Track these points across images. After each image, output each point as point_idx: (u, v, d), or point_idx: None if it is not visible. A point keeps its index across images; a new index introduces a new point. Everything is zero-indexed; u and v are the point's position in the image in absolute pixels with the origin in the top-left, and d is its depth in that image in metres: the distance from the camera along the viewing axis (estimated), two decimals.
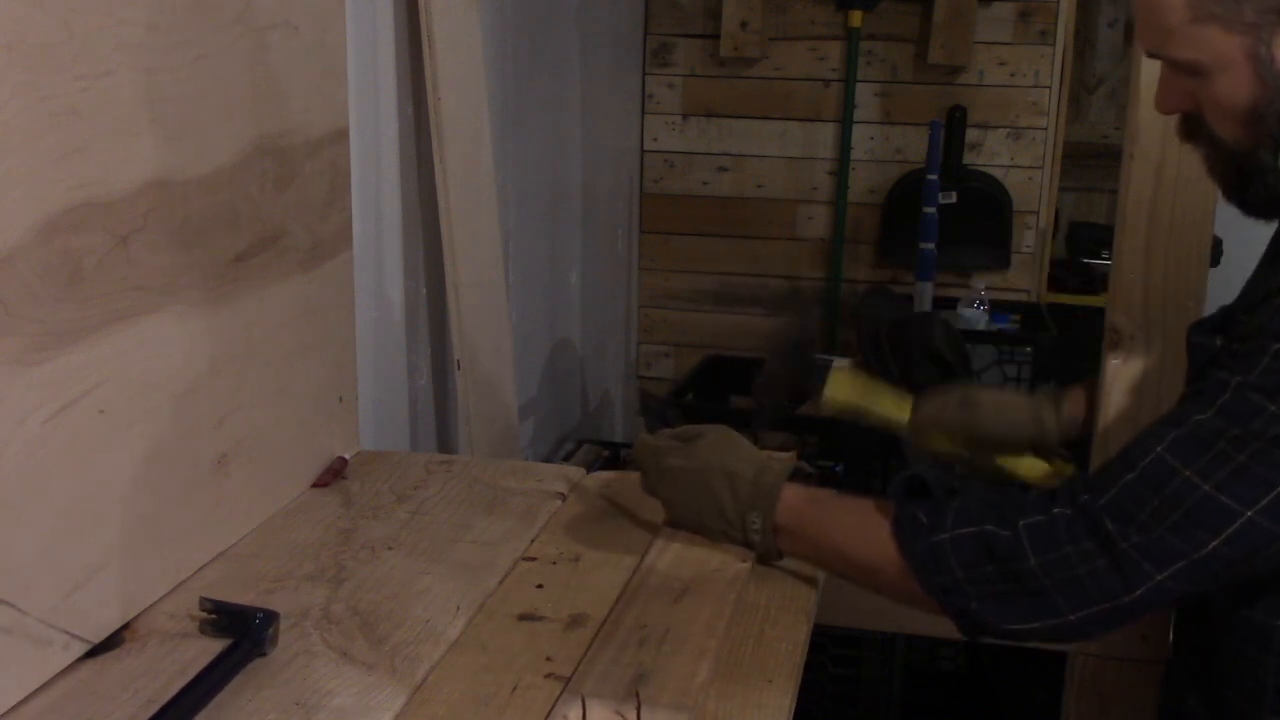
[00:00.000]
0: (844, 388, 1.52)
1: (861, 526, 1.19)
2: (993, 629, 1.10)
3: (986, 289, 3.33)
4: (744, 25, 3.41)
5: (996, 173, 3.46)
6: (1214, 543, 0.99)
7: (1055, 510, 1.06)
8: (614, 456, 2.90)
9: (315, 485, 1.43)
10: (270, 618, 1.06)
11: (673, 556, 1.27)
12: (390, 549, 1.27)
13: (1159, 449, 1.03)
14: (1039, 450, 1.49)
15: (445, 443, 2.13)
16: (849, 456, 2.35)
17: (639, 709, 0.98)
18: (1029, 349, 3.00)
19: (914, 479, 1.24)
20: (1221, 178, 1.11)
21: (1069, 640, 1.10)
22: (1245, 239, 1.27)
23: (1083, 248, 3.95)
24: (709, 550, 1.27)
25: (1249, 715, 1.12)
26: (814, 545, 1.23)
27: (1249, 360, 1.01)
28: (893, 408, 1.52)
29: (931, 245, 3.16)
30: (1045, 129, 3.44)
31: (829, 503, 1.24)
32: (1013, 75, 3.42)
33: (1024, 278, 3.53)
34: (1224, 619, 1.14)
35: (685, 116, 3.58)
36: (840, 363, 1.57)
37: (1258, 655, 1.11)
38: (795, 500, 1.23)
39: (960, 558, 1.09)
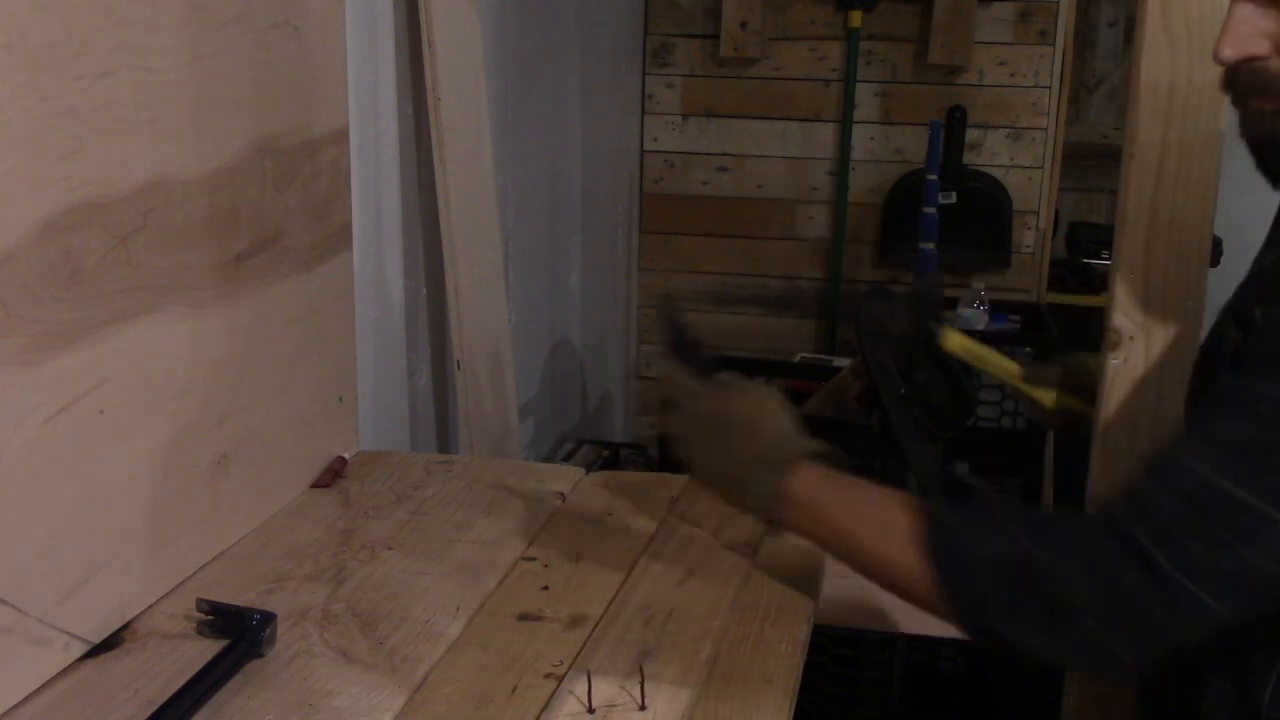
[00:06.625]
0: (958, 336, 1.63)
1: (881, 515, 1.12)
2: (1020, 649, 1.03)
3: (986, 289, 3.32)
4: (744, 25, 3.41)
5: (996, 173, 3.46)
6: (1253, 556, 0.94)
7: (1094, 532, 1.01)
8: (614, 456, 2.90)
9: (315, 485, 1.43)
10: (267, 619, 1.06)
11: (676, 543, 1.31)
12: (390, 549, 1.27)
13: (1195, 465, 0.97)
14: None
15: (445, 443, 2.13)
16: (849, 456, 2.34)
17: (643, 684, 0.99)
18: (1029, 349, 3.00)
19: (954, 483, 1.22)
20: (1265, 139, 1.03)
21: (1107, 669, 1.03)
22: (1245, 239, 1.27)
23: (1083, 248, 3.94)
24: (712, 537, 1.33)
25: (1190, 666, 1.12)
26: (824, 524, 1.15)
27: (1275, 362, 0.96)
28: (1004, 360, 1.60)
29: (931, 245, 3.16)
30: (1045, 129, 3.44)
31: (848, 484, 1.17)
32: (1013, 75, 3.42)
33: (1024, 278, 3.53)
34: None
35: (685, 116, 3.58)
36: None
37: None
38: (812, 475, 1.16)
39: (991, 573, 1.03)
